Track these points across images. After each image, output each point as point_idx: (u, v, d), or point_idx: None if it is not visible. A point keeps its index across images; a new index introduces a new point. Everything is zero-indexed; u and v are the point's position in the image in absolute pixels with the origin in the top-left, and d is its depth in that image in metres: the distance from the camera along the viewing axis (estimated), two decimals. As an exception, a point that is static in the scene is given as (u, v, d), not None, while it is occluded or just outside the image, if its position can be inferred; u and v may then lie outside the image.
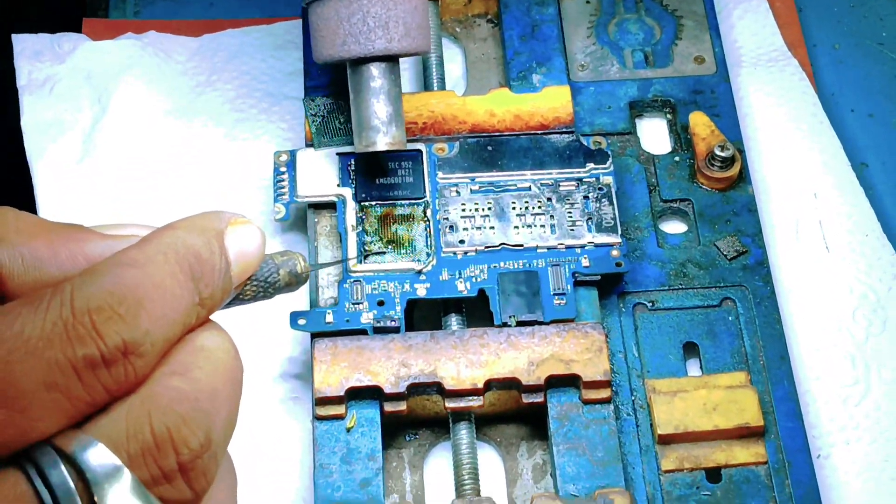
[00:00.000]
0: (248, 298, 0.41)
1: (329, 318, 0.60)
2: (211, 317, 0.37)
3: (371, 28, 0.60)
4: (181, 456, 0.34)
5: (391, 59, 0.61)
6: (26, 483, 0.32)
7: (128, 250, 0.36)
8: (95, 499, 0.33)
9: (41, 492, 0.32)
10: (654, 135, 0.70)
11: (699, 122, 0.68)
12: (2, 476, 0.33)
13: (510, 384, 0.59)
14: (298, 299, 0.64)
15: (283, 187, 0.65)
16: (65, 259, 0.37)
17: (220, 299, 0.37)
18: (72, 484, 0.33)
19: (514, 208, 0.64)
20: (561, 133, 0.67)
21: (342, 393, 0.58)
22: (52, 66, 0.72)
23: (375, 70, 0.61)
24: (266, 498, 0.60)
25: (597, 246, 0.63)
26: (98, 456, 0.33)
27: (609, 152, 0.66)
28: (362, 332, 0.60)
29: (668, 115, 0.70)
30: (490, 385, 0.59)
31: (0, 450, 0.33)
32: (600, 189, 0.64)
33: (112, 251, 0.37)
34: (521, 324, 0.61)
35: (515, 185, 0.65)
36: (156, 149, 0.70)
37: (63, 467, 0.33)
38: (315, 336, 0.60)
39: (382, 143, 0.61)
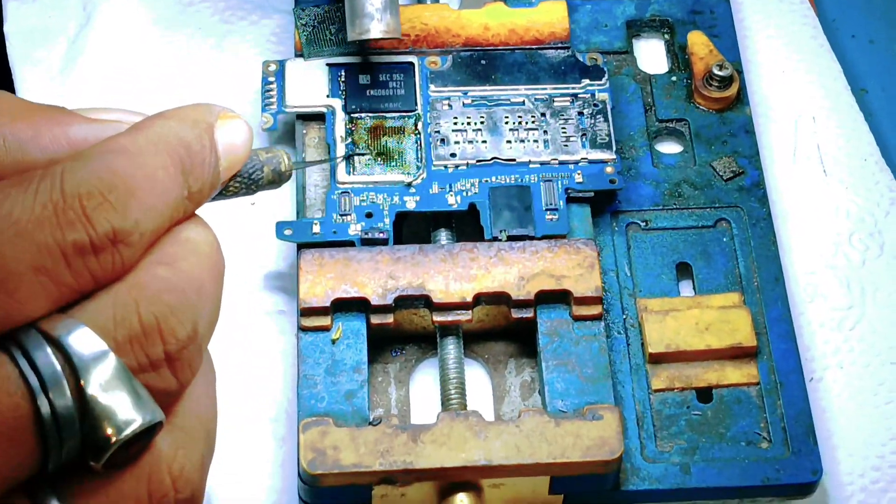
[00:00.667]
0: (230, 193, 0.40)
1: (316, 228, 0.59)
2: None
3: None
4: (168, 345, 0.34)
5: None
6: (11, 365, 0.32)
7: (118, 137, 0.35)
8: (81, 382, 0.32)
9: (26, 373, 0.32)
10: (651, 55, 0.68)
11: (697, 42, 0.67)
12: None
13: (499, 299, 0.58)
14: (284, 209, 0.63)
15: (271, 97, 0.63)
16: (48, 142, 0.36)
17: (208, 193, 0.37)
18: (58, 366, 0.32)
19: (506, 122, 0.63)
20: (556, 48, 0.65)
21: (328, 304, 0.57)
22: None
23: None
24: (250, 409, 0.59)
25: (590, 162, 0.62)
26: (84, 339, 0.33)
27: (605, 68, 0.64)
28: (350, 243, 0.59)
29: (666, 35, 0.69)
30: (479, 299, 0.58)
31: None
32: (595, 105, 0.63)
33: (96, 136, 0.36)
34: (511, 238, 0.59)
35: (509, 99, 0.63)
36: (142, 59, 0.68)
37: (49, 349, 0.32)
38: (301, 247, 0.59)
39: (377, 30, 0.59)
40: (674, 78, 0.67)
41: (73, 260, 0.33)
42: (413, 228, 0.62)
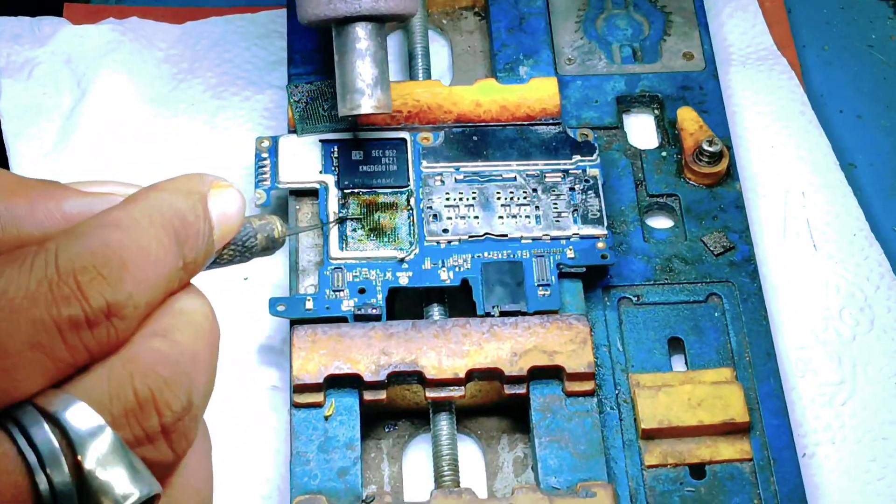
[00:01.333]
0: (224, 261, 0.40)
1: (309, 304, 0.59)
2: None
3: None
4: (163, 417, 0.34)
5: (377, 21, 0.60)
6: (9, 442, 0.32)
7: (112, 211, 0.35)
8: (79, 457, 0.32)
9: (24, 451, 0.32)
10: (641, 130, 0.69)
11: (687, 118, 0.67)
12: None
13: (492, 374, 0.58)
14: (278, 286, 0.63)
15: (264, 173, 0.64)
16: (42, 217, 0.36)
17: (202, 263, 0.37)
18: (55, 442, 0.32)
19: (498, 198, 0.63)
20: (547, 125, 0.66)
21: (321, 380, 0.57)
22: (31, 50, 0.71)
23: (361, 31, 0.60)
24: (243, 486, 0.59)
25: (582, 238, 0.62)
26: (81, 415, 0.32)
27: (596, 144, 0.65)
28: (343, 319, 0.59)
29: (656, 111, 0.69)
30: (472, 375, 0.58)
31: None
32: (587, 181, 0.64)
33: (91, 209, 0.36)
34: (504, 314, 0.59)
35: (501, 175, 0.64)
36: (135, 135, 0.69)
37: (46, 426, 0.32)
38: (294, 323, 0.59)
39: (368, 105, 0.60)
40: (664, 153, 0.67)
41: (68, 335, 0.33)
42: (405, 304, 0.62)
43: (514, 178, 0.64)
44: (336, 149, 0.64)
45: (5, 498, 0.31)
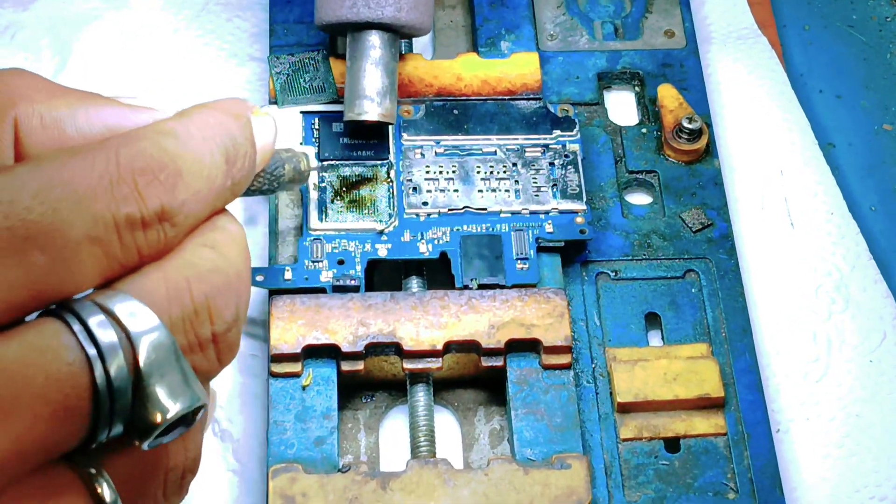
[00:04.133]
0: (254, 190, 0.41)
1: (288, 275, 0.59)
2: None
3: None
4: (215, 326, 0.34)
5: (394, 31, 0.61)
6: (69, 334, 0.32)
7: (167, 122, 0.36)
8: (137, 353, 0.32)
9: (84, 343, 0.32)
10: (621, 106, 0.69)
11: (667, 95, 0.67)
12: (43, 324, 0.32)
13: (470, 347, 0.58)
14: (257, 255, 0.63)
15: (245, 144, 0.63)
16: (83, 122, 0.37)
17: (244, 186, 0.38)
18: (115, 335, 0.32)
19: (478, 172, 0.63)
20: (528, 99, 0.66)
21: (299, 350, 0.57)
22: (14, 13, 0.71)
23: (378, 39, 0.61)
24: (220, 454, 0.59)
25: (561, 212, 0.62)
26: (139, 313, 0.33)
27: (576, 119, 0.65)
28: (321, 290, 0.59)
29: (637, 88, 0.69)
30: (449, 347, 0.58)
31: (36, 299, 0.32)
32: (566, 156, 0.64)
33: (130, 120, 0.37)
34: (482, 287, 0.60)
35: (481, 149, 0.64)
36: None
37: (105, 317, 0.32)
38: (273, 293, 0.59)
39: (374, 113, 0.60)
40: (644, 130, 0.67)
41: (123, 233, 0.33)
42: (384, 276, 0.62)
43: (495, 153, 0.64)
44: (317, 120, 0.64)
45: (65, 390, 0.31)
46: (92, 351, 0.32)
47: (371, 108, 0.60)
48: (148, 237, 0.34)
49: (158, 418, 0.33)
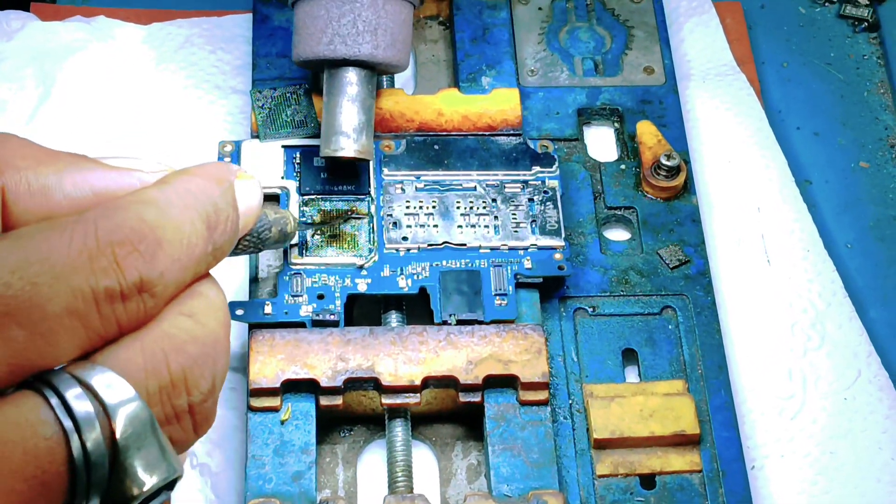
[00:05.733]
0: (239, 251, 0.41)
1: (268, 309, 0.60)
2: None
3: (360, 31, 0.60)
4: (192, 397, 0.35)
5: (371, 68, 0.61)
6: (47, 407, 0.32)
7: (149, 190, 0.36)
8: (113, 426, 0.33)
9: (61, 416, 0.32)
10: (600, 142, 0.70)
11: (646, 132, 0.68)
12: (20, 399, 0.32)
13: (448, 382, 0.59)
14: (237, 290, 0.64)
15: (226, 177, 0.64)
16: (71, 187, 0.37)
17: (228, 250, 0.38)
18: (92, 407, 0.32)
19: (458, 207, 0.64)
20: (508, 135, 0.67)
21: (278, 385, 0.58)
22: (-2, 44, 0.71)
23: (355, 76, 0.61)
24: (198, 488, 0.59)
25: (540, 248, 0.63)
26: (116, 386, 0.33)
27: (556, 156, 0.66)
28: (301, 324, 0.60)
29: (616, 124, 0.70)
30: (427, 383, 0.59)
31: (14, 374, 0.32)
32: (545, 192, 0.64)
33: (117, 184, 0.37)
34: (461, 322, 0.60)
35: (461, 184, 0.64)
36: (98, 135, 0.69)
37: (81, 390, 0.33)
38: (253, 327, 0.59)
39: (351, 149, 0.61)
40: (623, 166, 0.68)
41: (102, 305, 0.33)
42: (364, 310, 0.63)
43: (475, 188, 0.64)
44: (298, 154, 0.65)
45: (40, 461, 0.32)
46: (69, 424, 0.32)
47: (347, 144, 0.61)
48: (127, 308, 0.34)
49: (135, 492, 0.33)
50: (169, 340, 0.34)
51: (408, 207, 0.63)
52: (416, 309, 0.62)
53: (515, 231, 0.63)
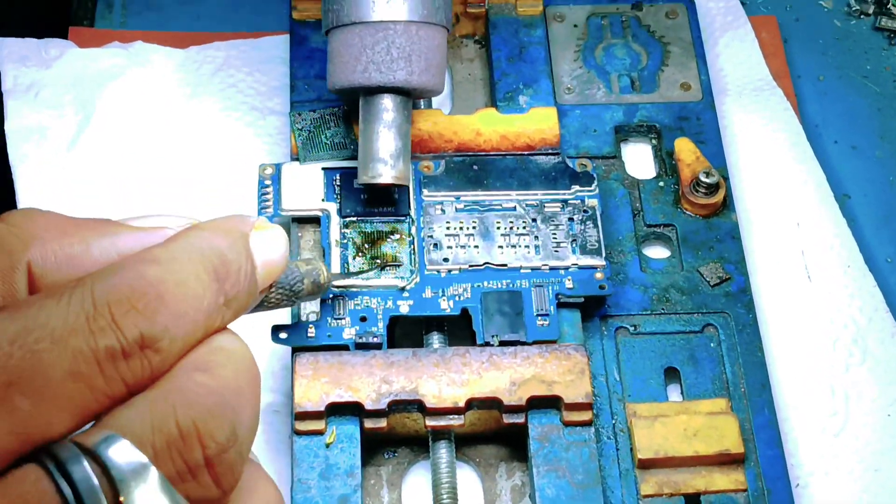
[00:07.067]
0: (272, 305, 0.41)
1: (311, 332, 0.60)
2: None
3: (394, 58, 0.60)
4: (207, 450, 0.33)
5: (406, 94, 0.61)
6: (48, 479, 0.32)
7: (152, 249, 0.36)
8: (121, 497, 0.32)
9: (63, 489, 0.32)
10: (638, 160, 0.70)
11: (684, 149, 0.68)
12: (23, 473, 0.32)
13: (491, 404, 0.59)
14: (280, 313, 0.64)
15: (267, 201, 0.64)
16: (97, 255, 0.37)
17: (247, 302, 0.37)
18: (95, 480, 0.32)
19: (498, 228, 0.64)
20: (547, 154, 0.67)
21: (322, 408, 0.58)
22: (38, 72, 0.72)
23: (391, 102, 0.61)
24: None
25: (581, 268, 0.63)
26: (122, 451, 0.32)
27: (594, 175, 0.66)
28: (344, 347, 0.60)
29: (654, 141, 0.70)
30: (471, 404, 0.59)
31: (23, 444, 0.32)
32: (585, 211, 0.64)
33: (143, 244, 0.37)
34: (503, 343, 0.60)
35: (501, 204, 0.65)
36: (139, 159, 0.70)
37: (86, 463, 0.32)
38: (296, 350, 0.60)
39: (388, 176, 0.61)
40: (661, 183, 0.68)
41: (105, 366, 0.33)
42: (406, 331, 0.63)
43: (514, 208, 0.64)
44: (338, 176, 0.65)
45: None
46: (70, 496, 0.32)
47: (385, 170, 0.61)
48: (131, 366, 0.33)
49: None
50: (178, 395, 0.34)
51: (448, 228, 0.64)
52: (458, 330, 0.62)
53: (556, 251, 0.63)
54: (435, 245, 0.63)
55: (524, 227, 0.64)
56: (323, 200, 0.64)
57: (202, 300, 0.35)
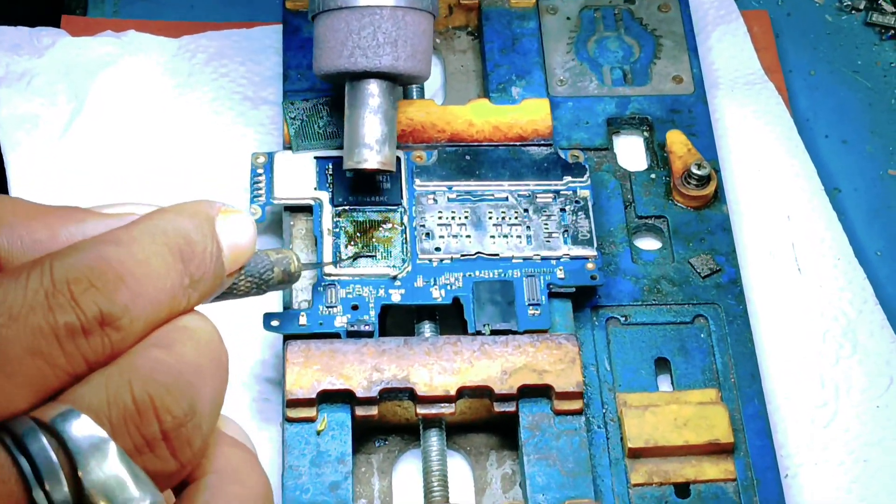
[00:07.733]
0: (241, 292, 0.41)
1: (303, 320, 0.60)
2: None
3: (380, 43, 0.60)
4: (164, 423, 0.34)
5: (392, 80, 0.61)
6: (5, 454, 0.32)
7: (114, 230, 0.36)
8: (79, 471, 0.32)
9: (21, 464, 0.32)
10: (630, 152, 0.70)
11: (676, 141, 0.68)
12: None
13: (482, 392, 0.59)
14: (271, 301, 0.64)
15: (259, 189, 0.64)
16: (64, 241, 0.37)
17: (213, 285, 0.37)
18: (53, 454, 0.32)
19: (490, 218, 0.64)
20: (539, 145, 0.67)
21: (314, 395, 0.58)
22: (30, 60, 0.72)
23: (376, 87, 0.61)
24: (233, 498, 0.59)
25: (572, 258, 0.63)
26: (80, 426, 0.33)
27: (587, 166, 0.66)
28: (336, 335, 0.60)
29: (646, 133, 0.70)
30: (462, 393, 0.59)
31: None
32: (577, 202, 0.65)
33: (110, 230, 0.37)
34: (494, 332, 0.60)
35: (493, 194, 0.65)
36: (131, 148, 0.70)
37: (43, 437, 0.32)
38: (288, 338, 0.60)
39: (374, 161, 0.61)
40: (653, 175, 0.68)
41: (65, 342, 0.33)
42: (397, 320, 0.63)
43: (506, 198, 0.65)
44: (330, 165, 0.65)
45: None
46: (29, 472, 0.32)
47: (370, 156, 0.61)
48: (91, 344, 0.33)
49: None
50: (135, 370, 0.34)
51: (440, 218, 0.64)
52: (450, 319, 0.62)
53: (548, 241, 0.63)
54: (427, 234, 0.63)
55: (516, 218, 0.64)
56: (315, 189, 0.64)
57: (165, 280, 0.35)
